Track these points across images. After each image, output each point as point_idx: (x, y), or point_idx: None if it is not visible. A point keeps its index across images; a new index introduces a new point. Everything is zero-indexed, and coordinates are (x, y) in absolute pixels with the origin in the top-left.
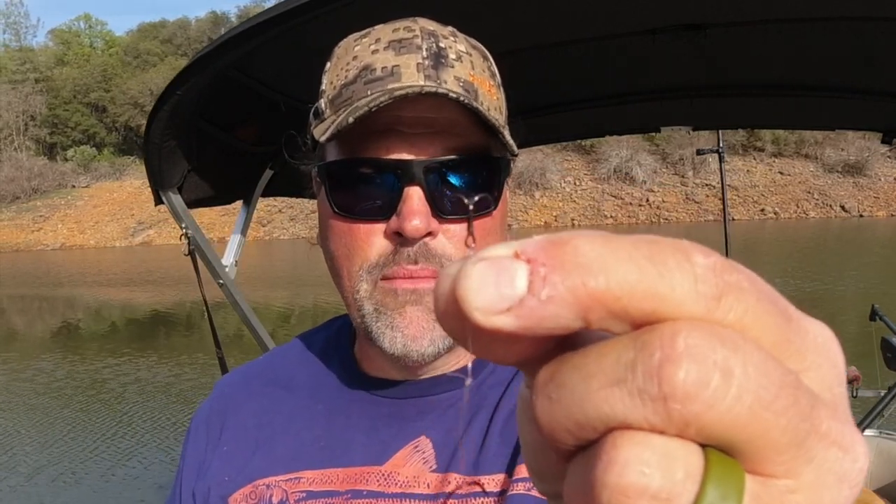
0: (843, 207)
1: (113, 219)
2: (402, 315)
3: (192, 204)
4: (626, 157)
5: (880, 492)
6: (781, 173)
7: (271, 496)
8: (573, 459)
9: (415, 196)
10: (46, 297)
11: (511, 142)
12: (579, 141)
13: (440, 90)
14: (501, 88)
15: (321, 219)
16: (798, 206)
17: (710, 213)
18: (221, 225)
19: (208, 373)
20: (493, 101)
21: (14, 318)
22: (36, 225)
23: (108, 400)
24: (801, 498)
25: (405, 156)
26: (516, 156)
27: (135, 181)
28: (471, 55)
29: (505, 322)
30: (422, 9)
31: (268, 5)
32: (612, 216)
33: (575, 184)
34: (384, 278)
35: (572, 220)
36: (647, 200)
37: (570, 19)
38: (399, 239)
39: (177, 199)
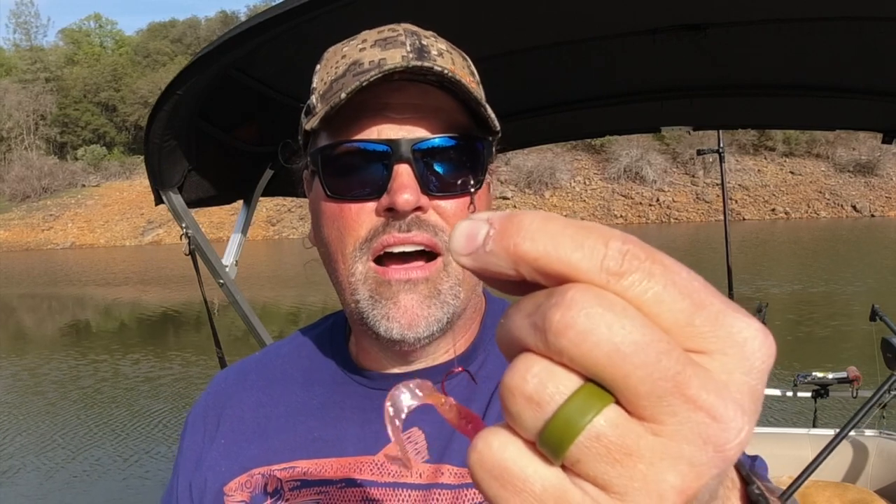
0: (854, 207)
1: (123, 218)
2: (397, 305)
3: (192, 204)
4: (637, 156)
5: (881, 492)
6: (792, 173)
7: (266, 484)
8: None
9: (404, 173)
10: (46, 297)
11: (493, 117)
12: (589, 140)
13: (426, 63)
14: (481, 86)
15: (314, 210)
16: (809, 206)
17: (720, 212)
18: (231, 224)
19: (190, 371)
20: (474, 90)
21: (13, 316)
22: (46, 224)
23: (79, 398)
24: (663, 441)
25: (393, 136)
26: (498, 133)
27: (145, 180)
28: (451, 53)
29: (465, 261)
30: (423, 8)
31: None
32: (622, 216)
33: (585, 183)
34: (376, 261)
35: (582, 219)
36: (658, 200)
37: (571, 20)
38: (390, 214)
39: (177, 199)
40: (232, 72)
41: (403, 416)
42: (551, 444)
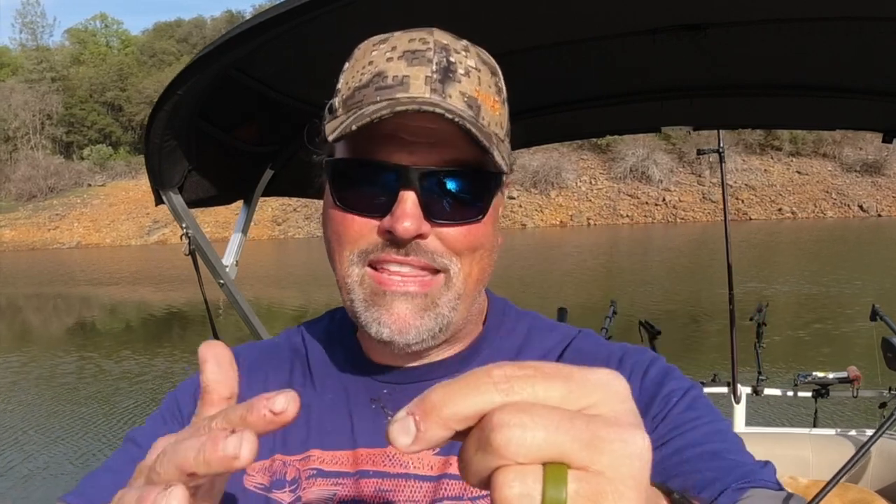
0: (861, 207)
1: (128, 217)
2: (390, 312)
3: (192, 204)
4: (643, 156)
5: (881, 492)
6: (799, 172)
7: (286, 473)
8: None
9: (409, 200)
10: (46, 296)
11: (502, 162)
12: (595, 140)
13: (437, 110)
14: (506, 104)
15: (324, 206)
16: (816, 206)
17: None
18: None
19: (174, 367)
20: (494, 117)
21: (8, 315)
22: (52, 223)
23: (54, 395)
24: (609, 474)
25: (404, 161)
26: (509, 173)
27: None
28: (479, 71)
29: (414, 447)
30: (423, 9)
31: None
32: (628, 216)
33: (591, 183)
34: (372, 266)
35: (588, 219)
36: (664, 200)
37: (571, 20)
38: (390, 237)
39: (177, 199)
40: (232, 72)
41: None
42: None
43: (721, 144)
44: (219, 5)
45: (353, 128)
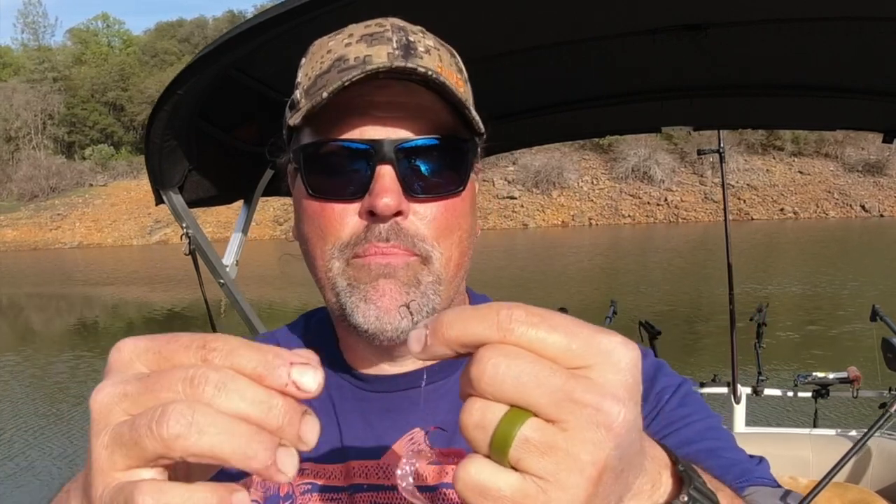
0: (863, 207)
1: (130, 217)
2: (375, 288)
3: (192, 203)
4: (645, 156)
5: (881, 492)
6: (801, 172)
7: (279, 488)
8: None
9: (387, 175)
10: (45, 296)
11: (478, 118)
12: (596, 140)
13: (409, 65)
14: (469, 84)
15: (296, 206)
16: (818, 206)
17: (728, 212)
18: None
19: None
20: (460, 93)
21: (10, 315)
22: (54, 223)
23: (44, 395)
24: (570, 433)
25: (377, 136)
26: (483, 135)
27: None
28: (438, 50)
29: (422, 356)
30: (423, 9)
31: None
32: (629, 216)
33: (592, 183)
34: (356, 256)
35: (590, 219)
36: (666, 200)
37: (571, 19)
38: (371, 217)
39: (177, 199)
40: (232, 72)
41: (413, 483)
42: (498, 450)
43: (721, 145)
44: (220, 5)
45: (324, 96)
